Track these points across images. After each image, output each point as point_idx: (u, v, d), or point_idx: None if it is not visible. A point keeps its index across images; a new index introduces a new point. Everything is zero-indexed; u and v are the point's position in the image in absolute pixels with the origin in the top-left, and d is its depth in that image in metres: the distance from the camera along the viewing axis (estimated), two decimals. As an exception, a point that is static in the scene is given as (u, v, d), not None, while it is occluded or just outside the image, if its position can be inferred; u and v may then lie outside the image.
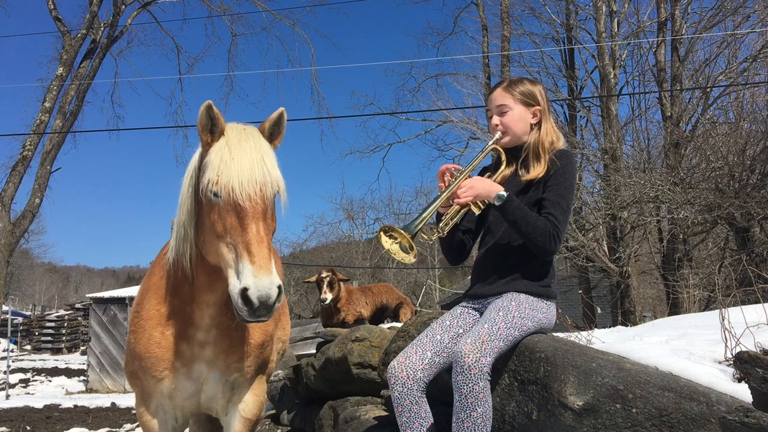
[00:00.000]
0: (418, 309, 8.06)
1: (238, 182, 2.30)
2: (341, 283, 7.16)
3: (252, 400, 2.93)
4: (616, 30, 17.27)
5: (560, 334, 3.05)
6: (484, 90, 20.40)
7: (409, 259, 2.52)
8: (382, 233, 2.56)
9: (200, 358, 2.73)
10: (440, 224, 2.74)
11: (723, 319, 2.44)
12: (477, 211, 2.73)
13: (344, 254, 32.64)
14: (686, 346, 2.62)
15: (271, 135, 2.49)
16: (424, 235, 2.67)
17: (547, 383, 2.35)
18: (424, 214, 2.55)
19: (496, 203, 2.59)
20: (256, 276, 2.17)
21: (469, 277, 3.11)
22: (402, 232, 2.47)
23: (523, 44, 24.28)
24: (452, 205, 2.70)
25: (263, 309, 2.19)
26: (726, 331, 2.41)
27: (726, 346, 2.41)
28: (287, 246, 31.67)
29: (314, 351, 5.92)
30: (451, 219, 2.73)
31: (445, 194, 2.64)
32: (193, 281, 2.66)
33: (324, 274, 7.10)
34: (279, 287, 2.20)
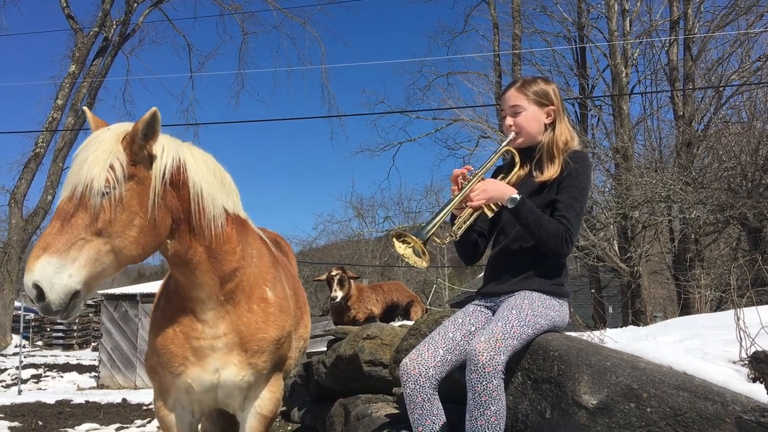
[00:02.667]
0: (428, 308, 8.05)
1: (64, 186, 2.39)
2: (351, 281, 7.17)
3: (268, 397, 2.95)
4: (628, 29, 17.22)
5: (572, 334, 3.04)
6: (495, 88, 20.38)
7: (422, 263, 2.52)
8: (395, 239, 2.57)
9: (213, 353, 2.77)
10: (454, 227, 2.73)
11: (738, 319, 2.43)
12: (490, 214, 2.72)
13: (354, 252, 32.67)
14: (700, 346, 2.60)
15: (146, 135, 2.47)
16: (437, 239, 2.67)
17: (560, 382, 2.34)
18: (435, 219, 2.54)
19: (509, 206, 2.58)
20: (24, 274, 2.24)
21: (479, 276, 3.12)
22: (414, 238, 2.47)
23: (535, 43, 24.20)
24: (465, 208, 2.69)
25: (40, 306, 2.22)
26: (741, 331, 2.39)
27: (741, 346, 2.39)
28: (297, 244, 31.75)
29: (324, 349, 5.94)
30: (465, 222, 2.72)
31: (457, 198, 2.63)
32: (178, 280, 2.75)
33: (334, 272, 7.11)
34: (35, 285, 2.20)
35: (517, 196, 2.57)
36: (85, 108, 2.69)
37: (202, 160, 2.70)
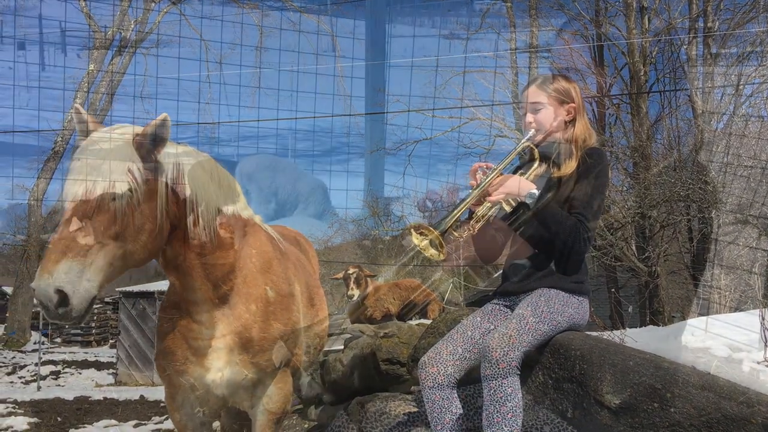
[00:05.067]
0: (445, 306, 8.03)
1: (69, 186, 2.32)
2: (368, 279, 7.16)
3: (276, 394, 2.96)
4: (646, 26, 17.07)
5: (592, 333, 3.02)
6: (511, 87, 20.27)
7: (439, 255, 2.51)
8: (412, 230, 2.56)
9: (213, 353, 2.78)
10: (471, 221, 2.72)
11: (762, 319, 2.40)
12: (508, 209, 2.70)
13: (369, 251, 32.64)
14: (723, 346, 2.57)
15: (155, 141, 2.46)
16: (454, 233, 2.65)
17: (582, 381, 2.32)
18: (454, 212, 2.53)
19: (527, 201, 2.57)
20: (37, 277, 2.13)
21: (495, 275, 3.10)
22: (432, 229, 2.46)
23: (551, 41, 24.00)
24: (483, 203, 2.67)
25: (53, 313, 2.14)
26: (766, 331, 2.37)
27: (765, 346, 2.36)
28: (312, 242, 31.71)
29: (341, 347, 5.93)
30: (482, 216, 2.70)
31: (476, 192, 2.62)
32: (173, 282, 2.77)
33: (351, 270, 7.10)
34: (58, 290, 2.12)
35: (536, 192, 2.56)
36: (77, 105, 2.64)
37: (198, 164, 2.69)
